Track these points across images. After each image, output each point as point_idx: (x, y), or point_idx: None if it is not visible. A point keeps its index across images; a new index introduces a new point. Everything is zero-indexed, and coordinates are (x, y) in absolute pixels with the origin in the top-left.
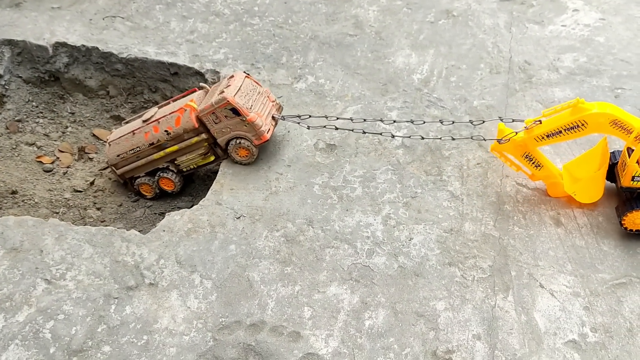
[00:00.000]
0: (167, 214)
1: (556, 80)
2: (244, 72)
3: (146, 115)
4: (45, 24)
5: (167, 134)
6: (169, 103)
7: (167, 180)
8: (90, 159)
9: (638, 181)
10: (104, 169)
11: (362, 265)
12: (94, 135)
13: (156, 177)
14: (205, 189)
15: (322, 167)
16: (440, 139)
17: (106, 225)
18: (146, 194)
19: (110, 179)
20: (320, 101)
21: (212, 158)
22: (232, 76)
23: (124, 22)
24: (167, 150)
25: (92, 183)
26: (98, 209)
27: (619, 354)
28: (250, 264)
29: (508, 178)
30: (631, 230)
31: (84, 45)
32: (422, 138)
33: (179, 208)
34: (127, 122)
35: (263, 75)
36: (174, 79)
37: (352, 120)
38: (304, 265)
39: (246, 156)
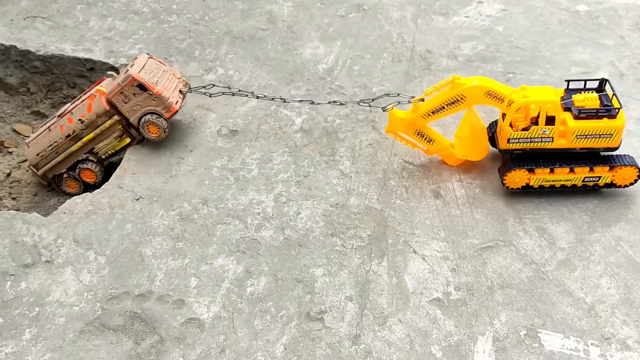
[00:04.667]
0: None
1: (454, 67)
2: (147, 53)
3: (60, 111)
4: None
5: (81, 122)
6: (81, 97)
7: (88, 172)
8: (10, 153)
9: (513, 143)
10: (24, 161)
11: (250, 239)
12: (14, 130)
13: (77, 170)
14: None
15: (222, 151)
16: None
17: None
18: (73, 190)
19: (27, 170)
20: None
21: (128, 140)
22: (136, 58)
23: (44, 22)
24: (84, 139)
25: (8, 175)
26: (13, 198)
27: (477, 308)
28: (144, 241)
29: (396, 157)
30: (512, 188)
31: (2, 44)
32: (327, 102)
33: None
34: (44, 124)
35: (175, 68)
36: (91, 74)
37: (254, 95)
38: (195, 240)
39: (157, 133)
